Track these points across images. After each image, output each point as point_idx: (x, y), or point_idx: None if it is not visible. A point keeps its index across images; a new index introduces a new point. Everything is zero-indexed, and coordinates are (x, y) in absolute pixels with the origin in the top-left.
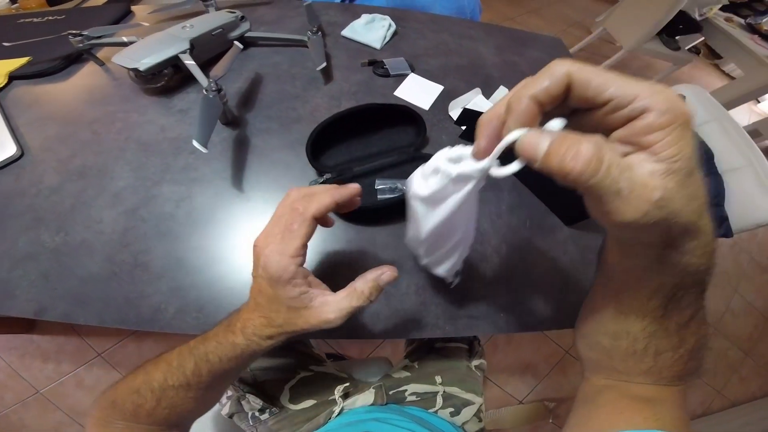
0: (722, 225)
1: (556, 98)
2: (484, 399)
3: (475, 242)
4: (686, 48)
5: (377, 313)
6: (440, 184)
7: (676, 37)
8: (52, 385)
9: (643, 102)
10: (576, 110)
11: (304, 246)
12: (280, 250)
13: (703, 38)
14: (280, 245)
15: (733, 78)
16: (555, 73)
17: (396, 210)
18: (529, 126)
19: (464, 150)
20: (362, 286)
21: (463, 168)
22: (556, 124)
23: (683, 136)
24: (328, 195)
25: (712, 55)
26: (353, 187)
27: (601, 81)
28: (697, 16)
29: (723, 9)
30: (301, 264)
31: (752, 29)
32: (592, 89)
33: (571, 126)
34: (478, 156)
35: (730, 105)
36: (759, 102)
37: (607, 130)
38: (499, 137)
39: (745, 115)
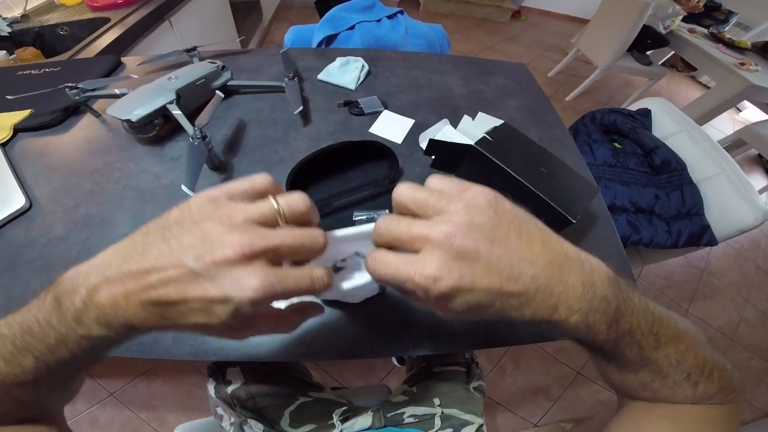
0: (705, 233)
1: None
2: (497, 425)
3: None
4: (660, 62)
5: (360, 335)
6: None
7: (647, 53)
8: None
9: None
10: None
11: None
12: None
13: (672, 51)
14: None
15: (709, 88)
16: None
17: None
18: None
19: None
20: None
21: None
22: None
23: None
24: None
25: (687, 67)
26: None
27: (380, 274)
28: (662, 30)
29: (685, 21)
30: None
31: (716, 38)
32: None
33: None
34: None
35: (709, 115)
36: (740, 111)
37: None
38: None
39: (728, 124)
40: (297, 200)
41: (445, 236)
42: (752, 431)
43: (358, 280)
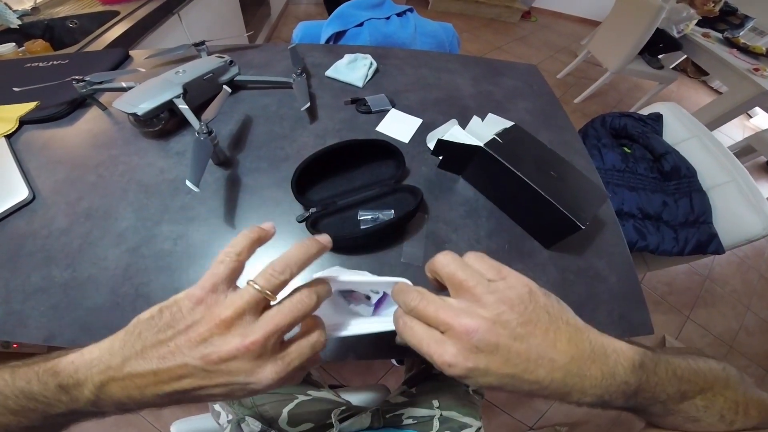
0: (713, 242)
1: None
2: (493, 427)
3: None
4: (671, 66)
5: (361, 336)
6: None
7: (659, 56)
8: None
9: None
10: None
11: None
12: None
13: (685, 56)
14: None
15: (720, 93)
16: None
17: (378, 238)
18: None
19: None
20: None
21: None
22: None
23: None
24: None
25: (698, 72)
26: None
27: (412, 343)
28: (675, 34)
29: (699, 25)
30: None
31: (730, 43)
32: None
33: None
34: None
35: (719, 121)
36: (751, 117)
37: None
38: None
39: (738, 130)
40: (274, 275)
41: (466, 331)
42: None
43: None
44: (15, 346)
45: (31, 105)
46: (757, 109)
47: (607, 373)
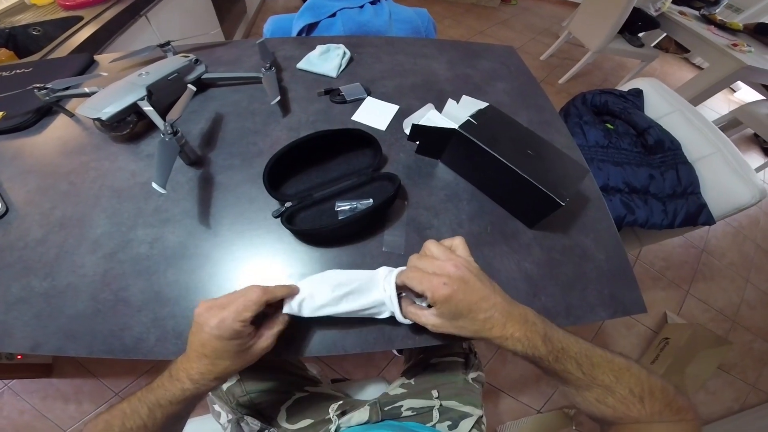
0: (702, 212)
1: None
2: (499, 411)
3: None
4: (652, 45)
5: (348, 329)
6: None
7: (639, 35)
8: (76, 425)
9: (424, 293)
10: None
11: (252, 317)
12: (229, 316)
13: (665, 34)
14: (233, 311)
15: (702, 69)
16: (401, 278)
17: (357, 228)
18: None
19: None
20: (282, 317)
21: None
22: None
23: (442, 306)
24: (280, 290)
25: (680, 49)
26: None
27: (412, 284)
28: (653, 12)
29: (675, 3)
30: (247, 329)
31: (707, 20)
32: (412, 287)
33: None
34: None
35: (702, 96)
36: (735, 91)
37: None
38: None
39: (723, 104)
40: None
41: (455, 265)
42: (757, 414)
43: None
44: (19, 357)
45: None
46: (740, 83)
47: (522, 315)
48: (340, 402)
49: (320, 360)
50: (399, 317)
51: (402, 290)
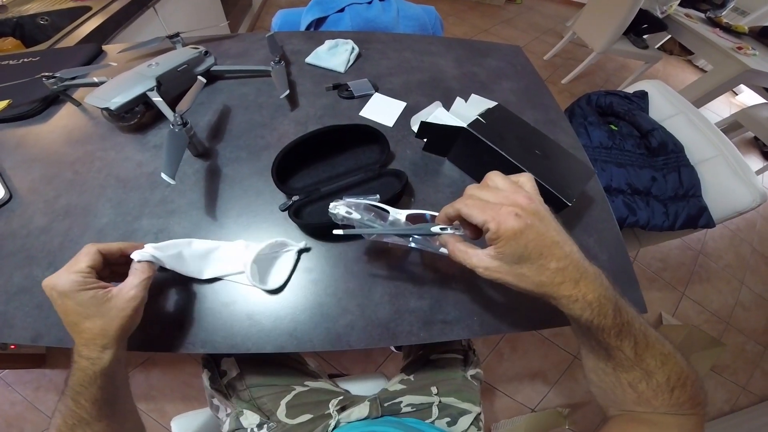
0: (703, 215)
1: (455, 217)
2: (495, 409)
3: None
4: (656, 46)
5: (352, 324)
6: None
7: (644, 36)
8: None
9: (487, 225)
10: None
11: (90, 268)
12: (66, 271)
13: (669, 36)
14: (65, 269)
15: (706, 72)
16: (454, 207)
17: None
18: (446, 223)
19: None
20: (138, 265)
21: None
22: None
23: (508, 243)
24: (115, 243)
25: (684, 51)
26: (137, 245)
27: (471, 212)
28: (659, 14)
29: (682, 5)
30: (93, 278)
31: (712, 23)
32: (469, 219)
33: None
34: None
35: (705, 98)
36: (737, 94)
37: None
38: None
39: (725, 107)
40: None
41: (527, 197)
42: (748, 416)
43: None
44: (13, 347)
45: (3, 103)
46: (743, 86)
47: (597, 275)
48: (340, 397)
49: (318, 355)
50: (439, 249)
51: (451, 223)
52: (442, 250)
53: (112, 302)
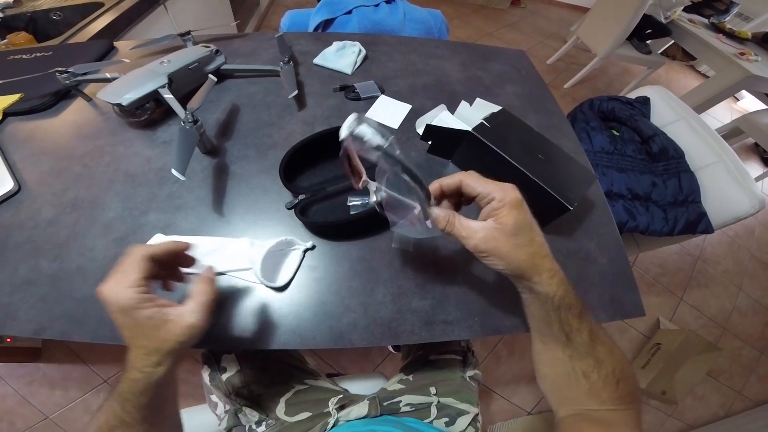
0: (702, 221)
1: (452, 190)
2: (491, 412)
3: (445, 251)
4: (659, 51)
5: (355, 322)
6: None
7: (647, 42)
8: (60, 411)
9: (492, 195)
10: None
11: (144, 279)
12: (116, 283)
13: (672, 41)
14: (115, 281)
15: (708, 77)
16: (454, 179)
17: (368, 224)
18: (436, 197)
19: None
20: (200, 287)
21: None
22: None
23: (510, 212)
24: (163, 245)
25: (686, 56)
26: (184, 244)
27: (474, 184)
28: (663, 20)
29: (686, 10)
30: (144, 292)
31: (716, 29)
32: (470, 189)
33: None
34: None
35: (707, 104)
36: (738, 100)
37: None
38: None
39: (726, 113)
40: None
41: (517, 194)
42: (743, 421)
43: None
44: (8, 340)
45: (15, 97)
46: (744, 92)
47: (554, 263)
48: (340, 396)
49: (316, 354)
50: (428, 232)
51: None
52: (422, 234)
53: (169, 326)
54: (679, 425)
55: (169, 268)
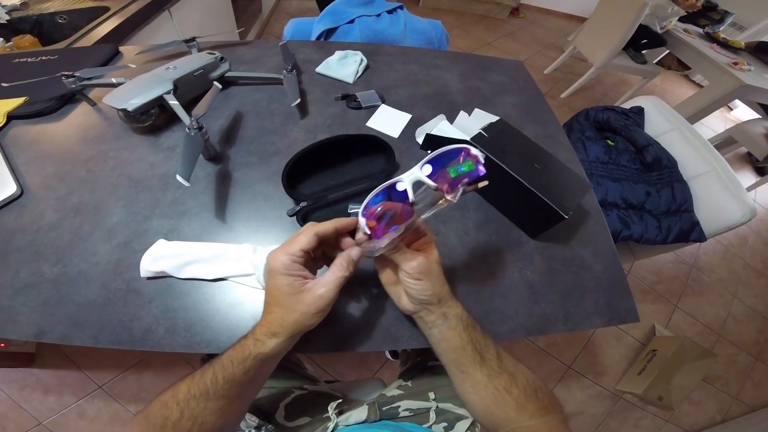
0: (694, 230)
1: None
2: None
3: (445, 257)
4: (654, 61)
5: (356, 327)
6: None
7: (643, 52)
8: (54, 417)
9: (428, 233)
10: None
11: (303, 251)
12: (282, 250)
13: (667, 51)
14: (283, 247)
15: (702, 87)
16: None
17: None
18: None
19: None
20: (340, 261)
21: None
22: None
23: (436, 249)
24: (330, 222)
25: (681, 66)
26: (352, 220)
27: (403, 256)
28: (658, 30)
29: (681, 20)
30: (300, 263)
31: (710, 38)
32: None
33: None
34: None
35: (701, 113)
36: (731, 109)
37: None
38: None
39: (720, 122)
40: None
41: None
42: (739, 426)
43: None
44: (2, 345)
45: (20, 100)
46: (738, 101)
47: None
48: (339, 401)
49: (313, 361)
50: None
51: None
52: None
53: (302, 295)
54: (678, 431)
55: (338, 248)
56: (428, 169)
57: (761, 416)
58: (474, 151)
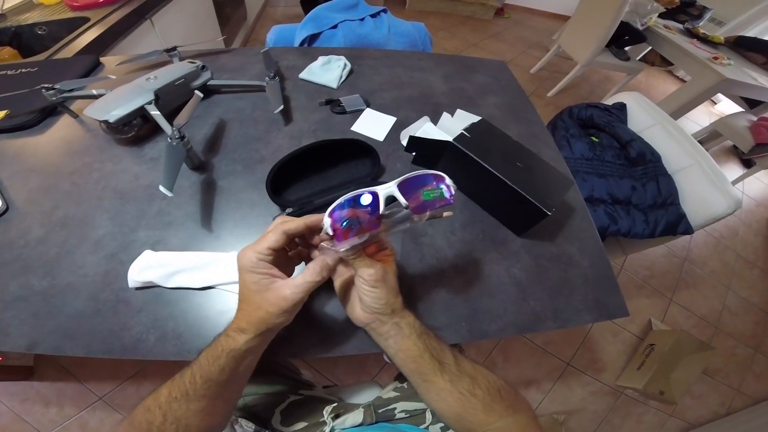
0: (681, 222)
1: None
2: None
3: (432, 258)
4: (637, 58)
5: (346, 331)
6: None
7: (625, 48)
8: (56, 429)
9: (376, 265)
10: None
11: (271, 249)
12: (250, 248)
13: (650, 47)
14: (252, 245)
15: (685, 82)
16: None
17: None
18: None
19: None
20: (313, 265)
21: None
22: None
23: (394, 260)
24: (299, 219)
25: (665, 62)
26: (318, 217)
27: (363, 262)
28: (639, 26)
29: (661, 16)
30: (268, 261)
31: (690, 34)
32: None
33: None
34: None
35: (684, 108)
36: (715, 103)
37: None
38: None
39: (704, 116)
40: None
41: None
42: (743, 419)
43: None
44: (0, 359)
45: (0, 114)
46: (721, 96)
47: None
48: (335, 405)
49: (311, 366)
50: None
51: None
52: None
53: (267, 294)
54: (681, 425)
55: (310, 246)
56: (404, 187)
57: (766, 408)
58: (448, 180)
